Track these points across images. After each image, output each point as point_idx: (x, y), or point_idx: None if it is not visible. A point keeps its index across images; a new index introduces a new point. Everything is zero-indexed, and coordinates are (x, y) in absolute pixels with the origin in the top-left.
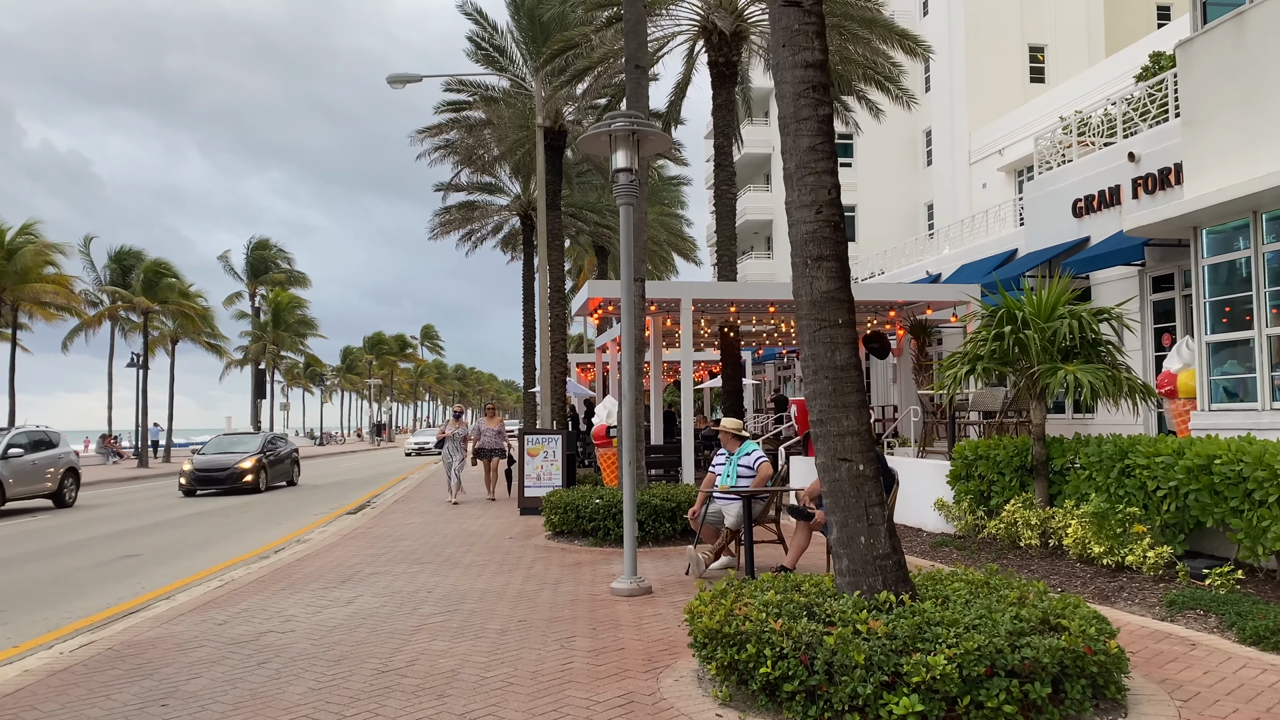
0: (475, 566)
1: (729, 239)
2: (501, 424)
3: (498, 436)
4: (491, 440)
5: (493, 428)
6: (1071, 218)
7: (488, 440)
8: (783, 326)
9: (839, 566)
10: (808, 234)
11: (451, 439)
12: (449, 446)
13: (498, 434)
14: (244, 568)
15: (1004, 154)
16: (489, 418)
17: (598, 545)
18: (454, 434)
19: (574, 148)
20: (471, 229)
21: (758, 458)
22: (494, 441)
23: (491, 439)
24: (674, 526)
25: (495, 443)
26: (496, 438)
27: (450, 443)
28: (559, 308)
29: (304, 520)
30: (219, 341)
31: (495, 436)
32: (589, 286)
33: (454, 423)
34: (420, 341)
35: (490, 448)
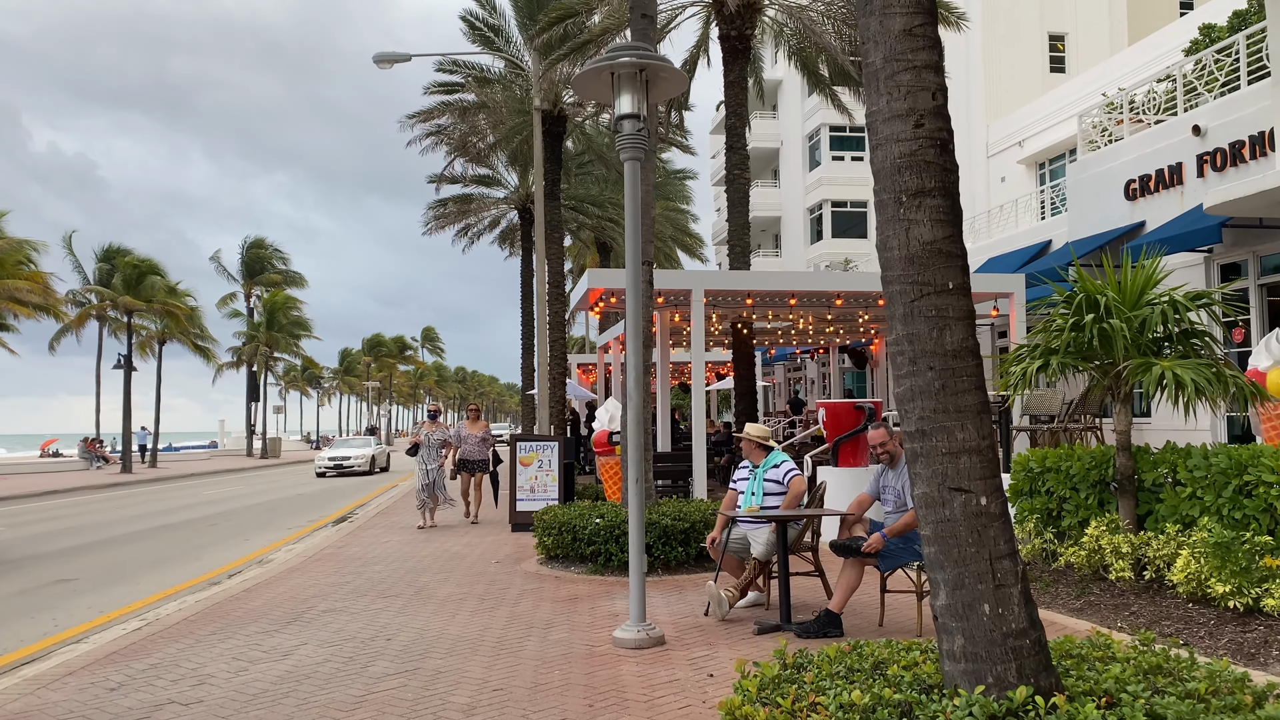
0: (451, 601)
1: (742, 228)
2: (487, 429)
3: (482, 445)
4: (474, 449)
5: (475, 434)
6: (1123, 200)
7: (470, 449)
8: (800, 323)
9: (950, 646)
10: (903, 157)
11: (427, 445)
12: (424, 454)
13: (482, 441)
14: (179, 601)
15: (1024, 146)
16: (471, 421)
17: (598, 573)
18: (430, 438)
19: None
20: (468, 224)
21: (789, 471)
22: (477, 451)
23: (474, 448)
24: (687, 551)
25: (479, 452)
26: (480, 446)
27: (426, 450)
28: (558, 304)
29: (276, 534)
30: (207, 343)
31: (479, 445)
32: (589, 276)
33: (430, 424)
34: (421, 344)
35: (474, 459)
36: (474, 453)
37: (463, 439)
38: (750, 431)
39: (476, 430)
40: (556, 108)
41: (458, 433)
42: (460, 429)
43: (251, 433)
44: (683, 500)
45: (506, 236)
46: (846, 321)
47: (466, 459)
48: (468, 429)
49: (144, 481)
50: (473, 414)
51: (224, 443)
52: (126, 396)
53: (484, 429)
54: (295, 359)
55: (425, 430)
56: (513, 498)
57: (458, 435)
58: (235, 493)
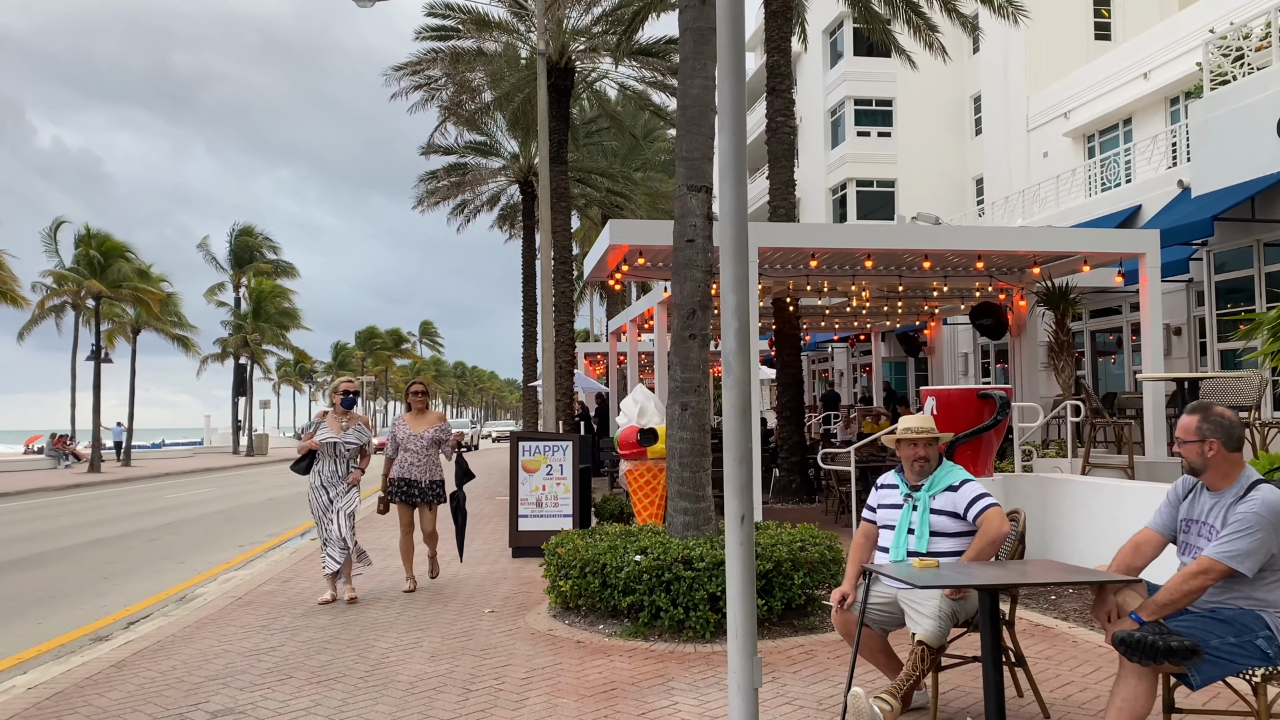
0: (419, 691)
1: (786, 187)
2: (442, 425)
3: (431, 453)
4: (418, 463)
5: (422, 433)
6: (1278, 139)
7: (412, 463)
8: (854, 300)
9: None
10: None
11: (329, 456)
12: (322, 472)
13: (432, 446)
14: (10, 682)
15: (1070, 117)
16: (415, 413)
17: (638, 636)
18: (336, 442)
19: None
20: (463, 199)
21: (977, 498)
22: (424, 464)
23: (419, 459)
24: (769, 603)
25: (427, 466)
26: (429, 455)
27: (326, 462)
28: (565, 285)
29: (222, 554)
30: (185, 332)
31: (427, 453)
32: (610, 229)
33: (334, 416)
34: (419, 338)
35: (419, 478)
36: (418, 467)
37: (398, 443)
38: (910, 426)
39: (423, 427)
40: (564, 58)
41: (391, 434)
42: (396, 426)
43: (238, 429)
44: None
45: (507, 217)
46: (909, 299)
47: (405, 478)
48: (409, 426)
49: (109, 483)
50: (417, 398)
51: (210, 440)
52: (96, 390)
53: (436, 424)
54: (284, 351)
55: (326, 427)
56: (514, 513)
57: (391, 438)
58: (202, 496)
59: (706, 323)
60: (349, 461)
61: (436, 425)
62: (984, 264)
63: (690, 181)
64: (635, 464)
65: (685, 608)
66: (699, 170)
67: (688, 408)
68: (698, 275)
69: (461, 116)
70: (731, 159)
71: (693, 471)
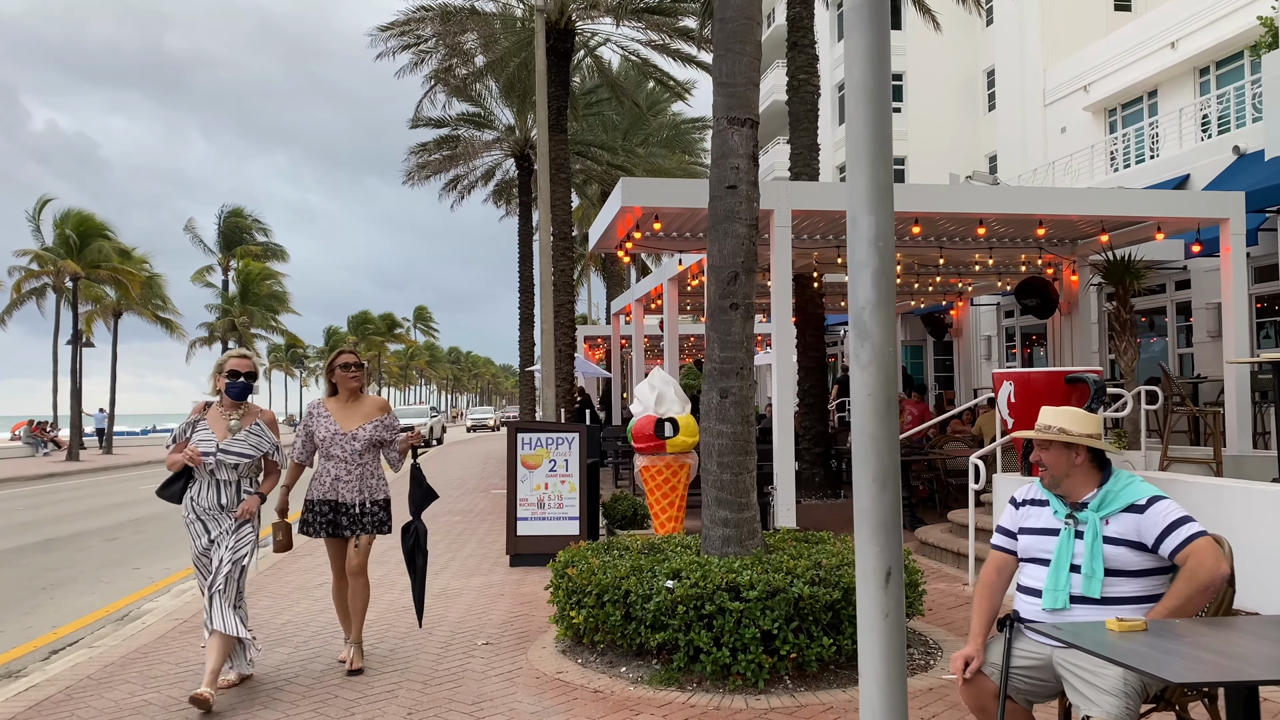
0: None
1: (809, 151)
2: (382, 417)
3: (368, 460)
4: (349, 475)
5: (352, 431)
6: None
7: (339, 476)
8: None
9: None
10: None
11: (207, 471)
12: (197, 497)
13: (369, 450)
14: None
15: (1090, 91)
16: (344, 398)
17: (672, 683)
18: (216, 450)
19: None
20: (456, 174)
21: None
22: (356, 480)
23: (350, 471)
24: (840, 643)
25: (361, 483)
26: (363, 463)
27: (204, 483)
28: (565, 261)
29: (183, 559)
30: (170, 315)
31: (361, 461)
32: (622, 188)
33: (219, 411)
34: (413, 323)
35: (348, 502)
36: (349, 482)
37: (318, 446)
38: (1063, 424)
39: (356, 421)
40: (564, 17)
41: (304, 429)
42: (313, 420)
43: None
44: (797, 539)
45: (502, 192)
46: (946, 274)
47: (330, 500)
48: (334, 419)
49: (85, 472)
50: (346, 375)
51: None
52: (74, 374)
53: (376, 417)
54: (275, 336)
55: (206, 426)
56: (512, 515)
57: (303, 438)
58: None
59: (751, 289)
60: (240, 483)
61: (376, 419)
62: (1045, 230)
63: (731, 113)
64: (652, 459)
65: (732, 649)
66: (742, 99)
67: (728, 395)
68: (740, 230)
69: (452, 84)
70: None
71: (734, 474)
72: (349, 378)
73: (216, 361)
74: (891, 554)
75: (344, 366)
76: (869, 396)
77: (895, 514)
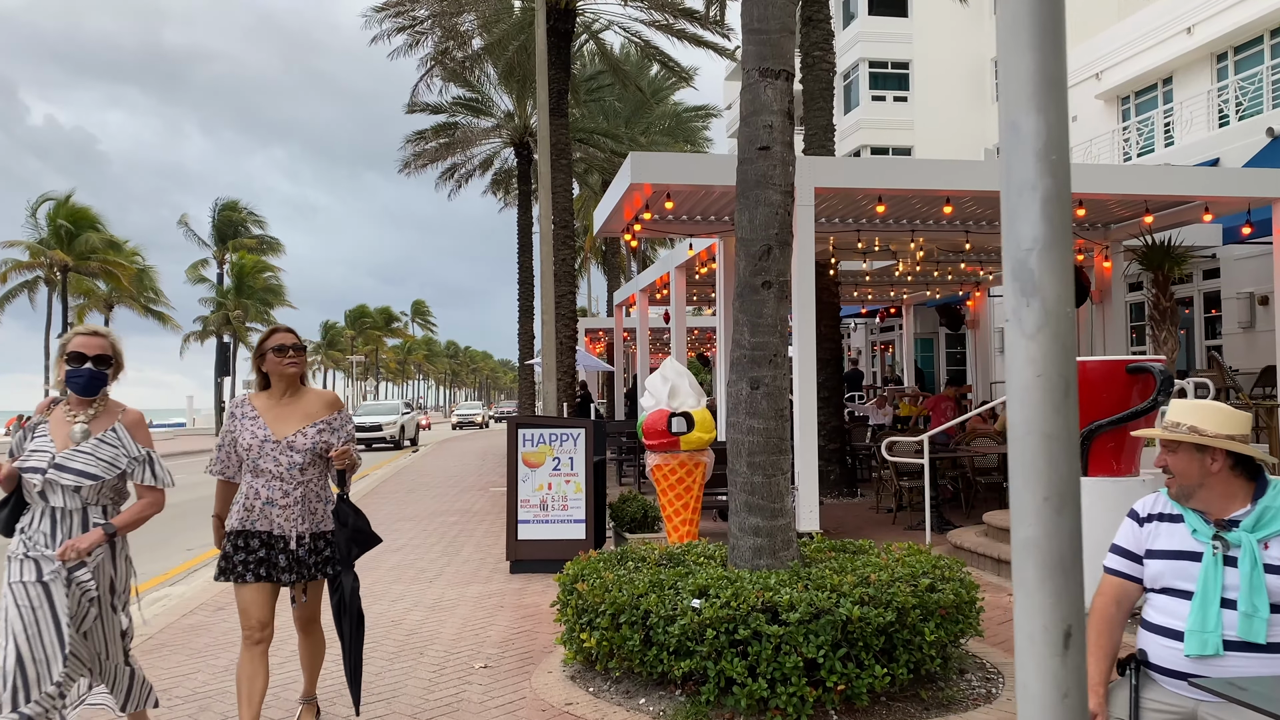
0: None
1: (825, 132)
2: (332, 416)
3: (312, 475)
4: (287, 498)
5: (288, 437)
6: None
7: (272, 498)
8: (901, 265)
9: None
10: None
11: (37, 487)
12: (30, 530)
13: (310, 466)
14: None
15: (1101, 78)
16: (281, 393)
17: (698, 718)
18: (38, 470)
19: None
20: (454, 163)
21: None
22: (298, 503)
23: (289, 489)
24: (895, 672)
25: (304, 508)
26: (306, 480)
27: (39, 510)
28: (566, 250)
29: (160, 563)
30: (162, 308)
31: (304, 477)
32: (631, 163)
33: (64, 412)
34: (411, 317)
35: (285, 534)
36: (286, 507)
37: (243, 457)
38: (1194, 421)
39: (295, 423)
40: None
41: (226, 435)
42: (237, 421)
43: (221, 410)
44: (834, 548)
45: (500, 182)
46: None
47: (261, 531)
48: (264, 420)
49: None
50: (282, 361)
51: (193, 421)
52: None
53: (326, 416)
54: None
55: (45, 431)
56: (512, 518)
57: (225, 444)
58: None
59: (786, 265)
60: (87, 513)
61: (322, 420)
62: (1085, 211)
63: (764, 63)
64: (665, 457)
65: (770, 680)
66: (776, 47)
67: (759, 385)
68: (774, 197)
69: (449, 66)
70: None
71: (766, 475)
72: (285, 364)
73: (60, 341)
74: (1071, 606)
75: (278, 350)
76: (1038, 378)
77: (1075, 548)
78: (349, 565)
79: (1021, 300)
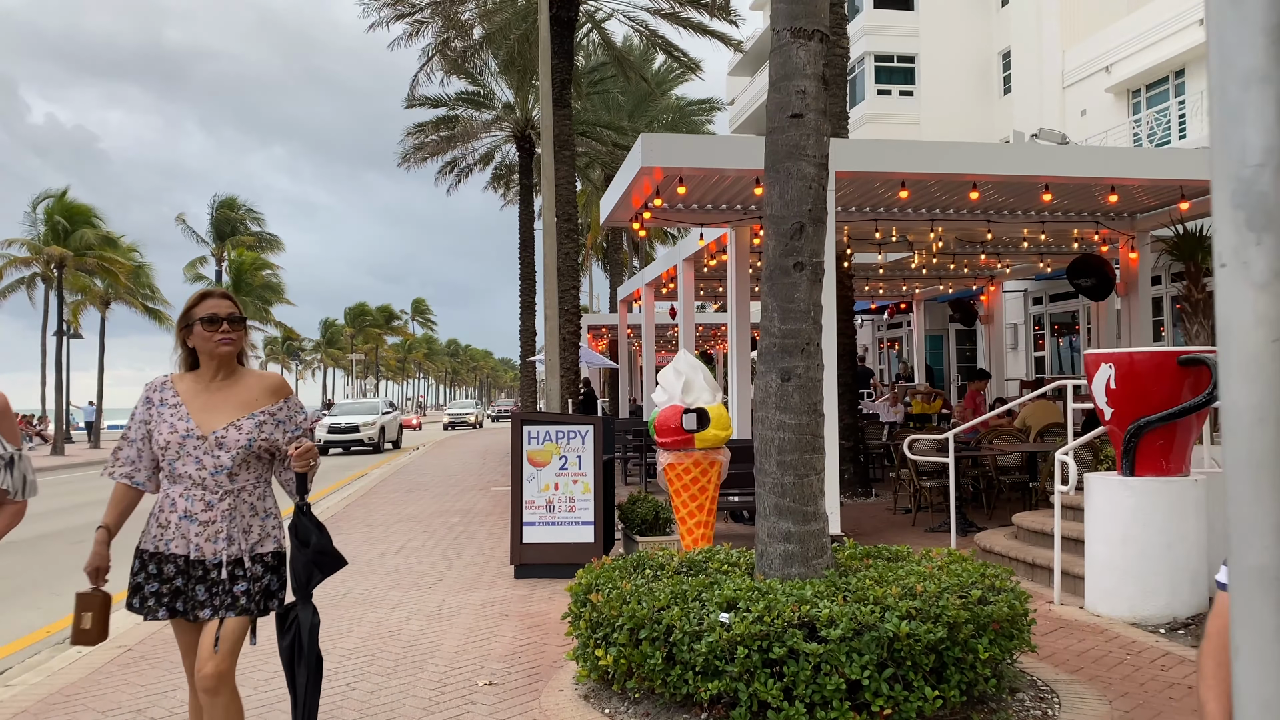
0: None
1: (838, 119)
2: (278, 405)
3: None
4: (211, 510)
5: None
6: None
7: (190, 509)
8: (918, 257)
9: None
10: None
11: None
12: None
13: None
14: None
15: (1112, 71)
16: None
17: None
18: None
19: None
20: (454, 156)
21: None
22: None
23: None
24: (946, 694)
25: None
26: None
27: None
28: (569, 244)
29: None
30: (158, 305)
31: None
32: (642, 145)
33: None
34: (411, 315)
35: (198, 557)
36: (209, 522)
37: (163, 451)
38: None
39: (229, 414)
40: None
41: (138, 425)
42: (155, 408)
43: None
44: (869, 555)
45: (501, 176)
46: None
47: (172, 554)
48: (186, 409)
49: (69, 466)
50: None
51: None
52: (59, 366)
53: (269, 403)
54: (269, 327)
55: None
56: (517, 521)
57: (135, 435)
58: None
59: (820, 244)
60: None
61: (262, 410)
62: (1117, 197)
63: (796, 22)
64: (679, 456)
65: (809, 704)
66: (809, 4)
67: (791, 377)
68: (808, 170)
69: (449, 57)
70: None
71: (799, 476)
72: (217, 341)
73: None
74: None
75: (208, 321)
76: (1274, 343)
77: None
78: (306, 597)
79: (1248, 236)
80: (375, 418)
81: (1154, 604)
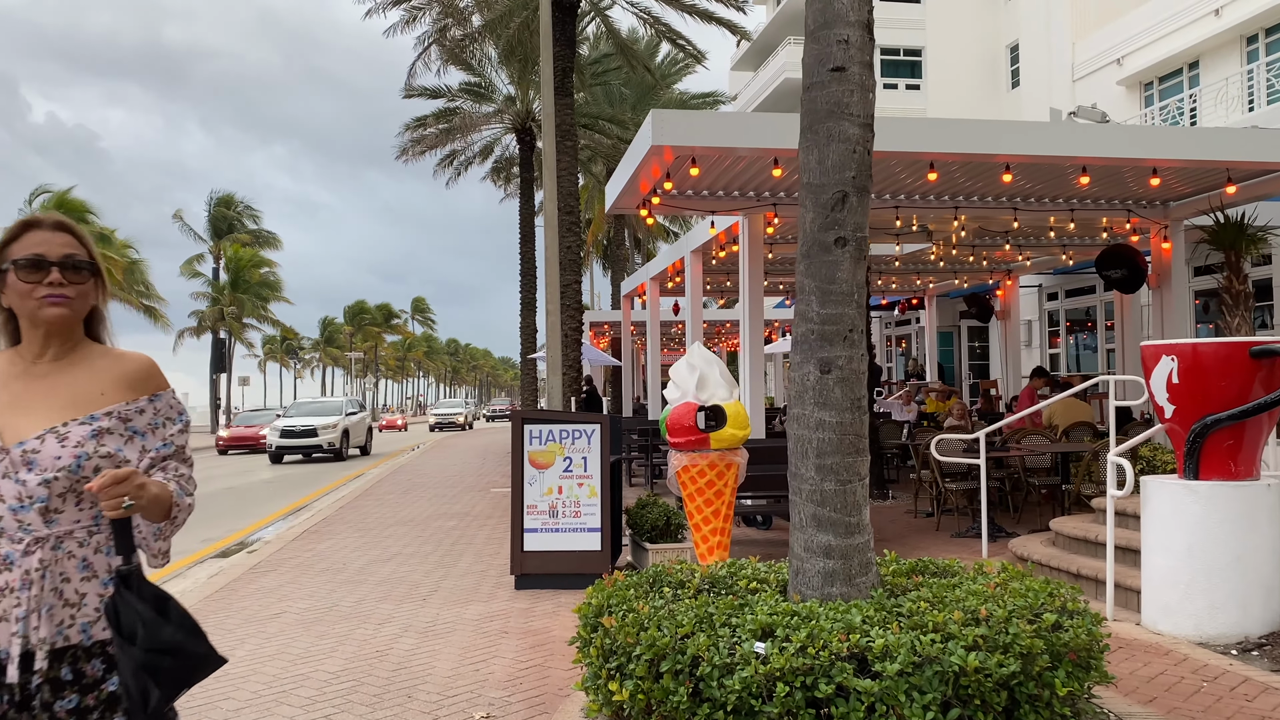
0: None
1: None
2: (136, 402)
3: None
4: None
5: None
6: None
7: None
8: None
9: None
10: None
11: None
12: None
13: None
14: None
15: (1123, 64)
16: (42, 345)
17: None
18: None
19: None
20: (453, 150)
21: None
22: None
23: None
24: None
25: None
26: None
27: None
28: (571, 237)
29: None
30: (154, 302)
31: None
32: (652, 122)
33: None
34: (411, 314)
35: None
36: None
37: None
38: None
39: (47, 415)
40: None
41: None
42: None
43: (216, 407)
44: (915, 570)
45: (501, 170)
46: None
47: None
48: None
49: None
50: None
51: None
52: None
53: (122, 398)
54: (267, 325)
55: None
56: (518, 527)
57: None
58: None
59: (864, 217)
60: None
61: (116, 406)
62: (1159, 181)
63: None
64: (693, 457)
65: None
66: None
67: (831, 369)
68: (851, 131)
69: (448, 46)
70: None
71: (841, 481)
72: (41, 295)
73: None
74: None
75: (30, 265)
76: None
77: None
78: (144, 713)
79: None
80: (337, 419)
81: (1222, 621)
